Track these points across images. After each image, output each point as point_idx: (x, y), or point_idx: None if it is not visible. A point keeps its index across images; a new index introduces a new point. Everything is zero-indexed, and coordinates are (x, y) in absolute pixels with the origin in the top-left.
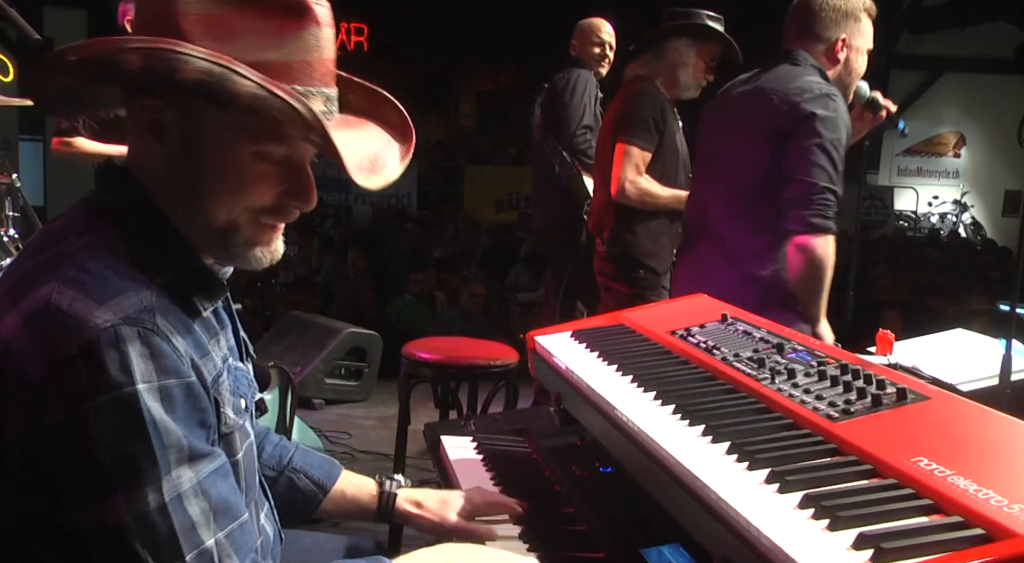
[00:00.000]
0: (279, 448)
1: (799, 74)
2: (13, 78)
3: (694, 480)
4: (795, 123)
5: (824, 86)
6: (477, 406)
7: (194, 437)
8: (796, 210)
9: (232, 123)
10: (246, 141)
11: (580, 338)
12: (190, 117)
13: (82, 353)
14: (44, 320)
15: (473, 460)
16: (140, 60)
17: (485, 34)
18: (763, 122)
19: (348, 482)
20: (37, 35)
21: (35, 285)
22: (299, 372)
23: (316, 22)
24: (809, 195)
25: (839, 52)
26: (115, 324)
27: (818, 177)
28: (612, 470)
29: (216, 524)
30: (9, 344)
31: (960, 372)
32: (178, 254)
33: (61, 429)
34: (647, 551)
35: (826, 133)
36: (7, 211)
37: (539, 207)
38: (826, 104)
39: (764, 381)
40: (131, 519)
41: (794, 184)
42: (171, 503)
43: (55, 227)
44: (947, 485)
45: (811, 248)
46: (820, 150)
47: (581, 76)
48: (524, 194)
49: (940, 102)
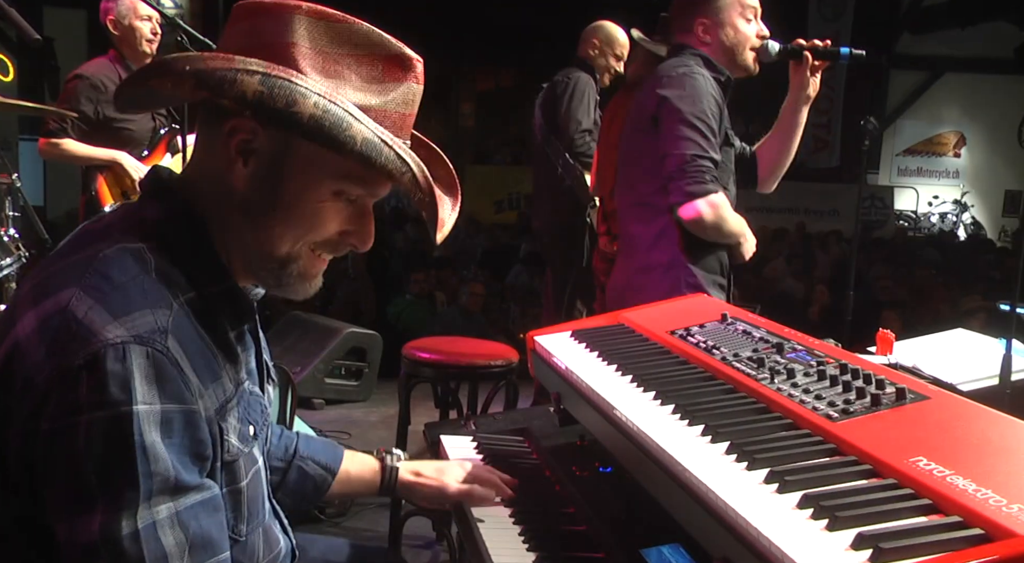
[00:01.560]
0: (283, 439)
1: (669, 65)
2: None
3: (693, 480)
4: (657, 109)
5: (679, 68)
6: (477, 406)
7: (183, 467)
8: (674, 183)
9: (323, 159)
10: (329, 178)
11: (580, 338)
12: (283, 145)
13: (87, 365)
14: (57, 326)
15: (473, 460)
16: (258, 85)
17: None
18: (639, 117)
19: (352, 462)
20: (37, 35)
21: (57, 288)
22: (299, 372)
23: (416, 78)
24: (682, 166)
25: (704, 36)
26: (125, 341)
27: (686, 148)
28: (612, 470)
29: (190, 558)
30: (22, 344)
31: (960, 372)
32: (211, 272)
33: (52, 438)
34: (647, 551)
35: (684, 107)
36: (7, 211)
37: (540, 208)
38: (680, 83)
39: (764, 381)
40: (102, 541)
41: (667, 161)
42: (144, 531)
43: (94, 229)
44: (946, 485)
45: (697, 214)
46: (683, 125)
47: (582, 79)
48: (524, 194)
49: (940, 102)
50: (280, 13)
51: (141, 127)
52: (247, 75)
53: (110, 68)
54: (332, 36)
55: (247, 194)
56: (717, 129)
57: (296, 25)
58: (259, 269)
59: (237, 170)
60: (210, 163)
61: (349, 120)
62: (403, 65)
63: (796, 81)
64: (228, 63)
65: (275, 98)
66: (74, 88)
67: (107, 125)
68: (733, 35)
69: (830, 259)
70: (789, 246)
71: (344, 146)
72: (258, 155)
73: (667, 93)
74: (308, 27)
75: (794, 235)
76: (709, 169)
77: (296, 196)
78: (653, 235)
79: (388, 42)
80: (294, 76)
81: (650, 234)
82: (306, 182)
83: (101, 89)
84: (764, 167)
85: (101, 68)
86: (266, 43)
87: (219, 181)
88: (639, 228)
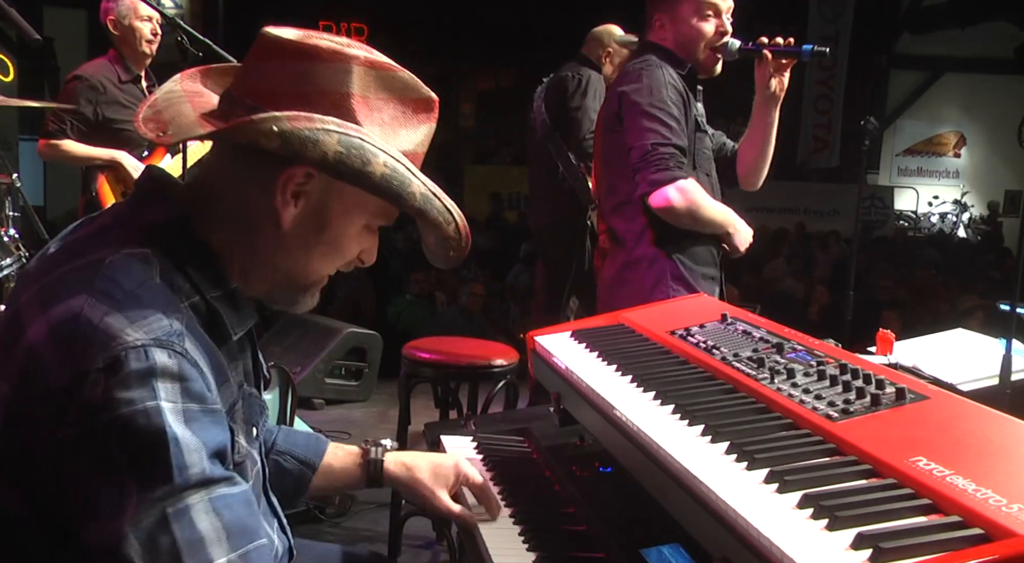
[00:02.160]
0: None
1: (631, 63)
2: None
3: (693, 480)
4: (619, 106)
5: (637, 64)
6: (477, 406)
7: (211, 462)
8: (640, 174)
9: (367, 202)
10: (364, 216)
11: (580, 338)
12: (333, 190)
13: (108, 367)
14: (73, 332)
15: (473, 460)
16: (337, 145)
17: (485, 34)
18: (607, 116)
19: (334, 455)
20: (37, 35)
21: (66, 295)
22: (299, 372)
23: (435, 118)
24: (646, 157)
25: (662, 31)
26: (145, 344)
27: (647, 138)
28: (612, 470)
29: (229, 543)
30: (35, 351)
31: (960, 372)
32: (212, 278)
33: (79, 439)
34: (647, 551)
35: (642, 99)
36: (7, 211)
37: (538, 204)
38: (637, 77)
39: (764, 381)
40: (137, 533)
41: (631, 154)
42: (179, 518)
43: (89, 232)
44: (946, 485)
45: (666, 201)
46: (642, 116)
47: (592, 78)
48: (524, 194)
49: (940, 102)
50: (338, 62)
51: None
52: (326, 135)
53: (109, 69)
54: (380, 83)
55: (291, 231)
56: (682, 117)
57: (354, 76)
58: (282, 291)
59: (288, 212)
60: (245, 198)
61: (410, 177)
62: (428, 106)
63: (760, 80)
64: (309, 123)
65: (351, 159)
66: (73, 89)
67: (106, 126)
68: (687, 31)
69: (830, 259)
70: (789, 246)
71: (406, 202)
72: (307, 197)
73: (626, 88)
74: (363, 77)
75: (794, 235)
76: (673, 155)
77: (339, 234)
78: (637, 231)
79: (420, 86)
80: (361, 132)
81: (634, 230)
82: (349, 221)
83: (100, 90)
84: (742, 165)
85: (100, 69)
86: (325, 91)
87: (257, 217)
88: (624, 226)
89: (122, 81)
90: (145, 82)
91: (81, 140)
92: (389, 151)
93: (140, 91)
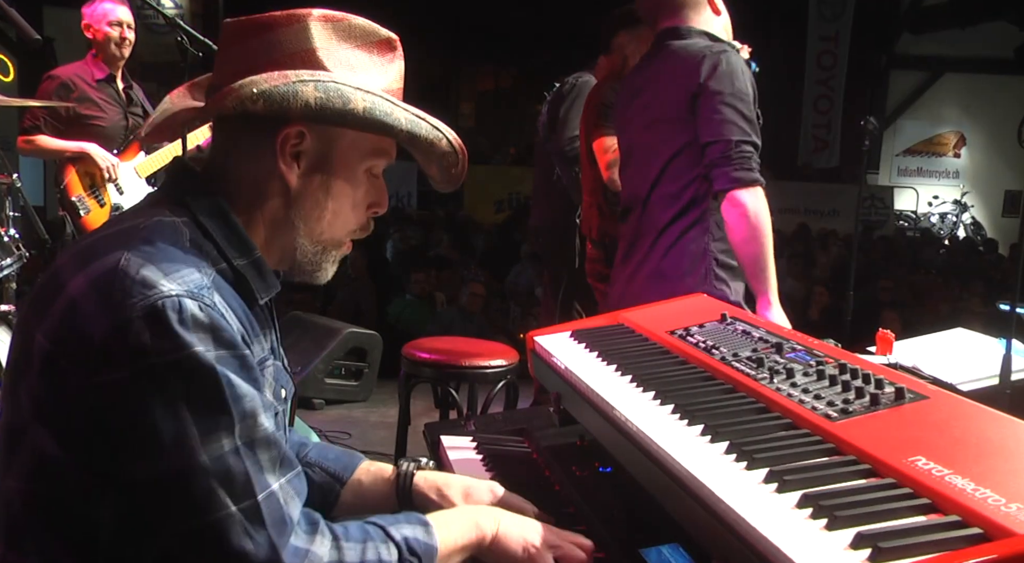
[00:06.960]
0: (296, 445)
1: (687, 46)
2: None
3: (693, 480)
4: (696, 92)
5: (711, 46)
6: (477, 406)
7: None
8: (718, 169)
9: (359, 143)
10: (366, 158)
11: (579, 338)
12: (328, 141)
13: (147, 316)
14: (112, 283)
15: (473, 460)
16: (315, 91)
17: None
18: (668, 102)
19: (366, 471)
20: (37, 35)
21: (104, 253)
22: (299, 372)
23: (400, 55)
24: (727, 152)
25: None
26: (179, 294)
27: (729, 133)
28: (612, 470)
29: (279, 471)
30: (76, 302)
31: (960, 372)
32: (239, 246)
33: (124, 384)
34: (647, 551)
35: (724, 89)
36: (7, 211)
37: (537, 204)
38: (716, 62)
39: (763, 381)
40: (208, 460)
41: (710, 148)
42: (243, 447)
43: (124, 214)
44: (945, 484)
45: (741, 203)
46: (724, 106)
47: (580, 83)
48: (524, 194)
49: (940, 102)
50: (294, 23)
51: (112, 123)
52: (303, 85)
53: (84, 69)
54: (340, 34)
55: (300, 190)
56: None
57: (313, 31)
58: (305, 257)
59: (292, 173)
60: (253, 170)
61: (392, 106)
62: (391, 45)
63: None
64: (284, 79)
65: (332, 101)
66: (46, 88)
67: (78, 121)
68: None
69: (830, 259)
70: (789, 246)
71: (393, 129)
72: (306, 155)
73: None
74: (321, 30)
75: (794, 235)
76: (752, 155)
77: (344, 183)
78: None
79: (377, 28)
80: (333, 77)
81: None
82: (350, 169)
83: (71, 88)
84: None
85: (75, 69)
86: (291, 52)
87: (267, 184)
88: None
89: (96, 80)
90: (121, 82)
91: (55, 135)
92: (365, 87)
93: (115, 90)
